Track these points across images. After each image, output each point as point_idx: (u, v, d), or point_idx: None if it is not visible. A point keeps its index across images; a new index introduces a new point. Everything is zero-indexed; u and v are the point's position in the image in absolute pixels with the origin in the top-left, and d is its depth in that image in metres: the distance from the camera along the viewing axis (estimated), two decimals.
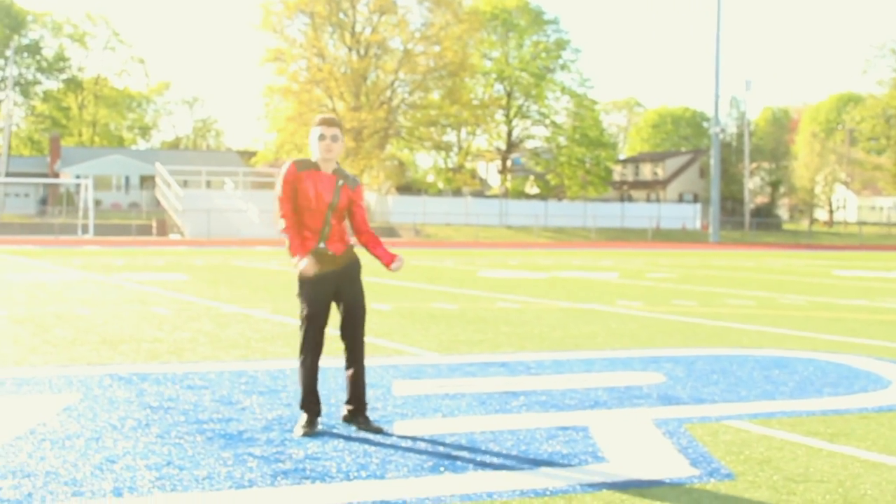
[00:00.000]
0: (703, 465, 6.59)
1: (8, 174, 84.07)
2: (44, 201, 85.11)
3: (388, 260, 7.57)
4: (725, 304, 18.83)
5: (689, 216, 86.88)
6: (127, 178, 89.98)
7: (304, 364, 7.47)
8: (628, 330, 14.36)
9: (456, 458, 6.72)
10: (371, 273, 26.93)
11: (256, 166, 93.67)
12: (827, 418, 8.23)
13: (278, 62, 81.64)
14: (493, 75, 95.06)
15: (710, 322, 15.58)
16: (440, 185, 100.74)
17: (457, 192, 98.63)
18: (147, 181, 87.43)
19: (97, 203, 71.48)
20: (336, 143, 7.31)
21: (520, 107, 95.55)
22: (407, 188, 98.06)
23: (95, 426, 7.46)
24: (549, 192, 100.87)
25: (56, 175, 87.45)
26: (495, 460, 6.65)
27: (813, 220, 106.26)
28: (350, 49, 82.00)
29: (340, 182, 7.38)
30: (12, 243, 47.25)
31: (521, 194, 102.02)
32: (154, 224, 59.51)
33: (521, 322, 15.20)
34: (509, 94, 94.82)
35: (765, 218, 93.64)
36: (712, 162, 74.09)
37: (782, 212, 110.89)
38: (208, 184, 75.53)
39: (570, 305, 18.17)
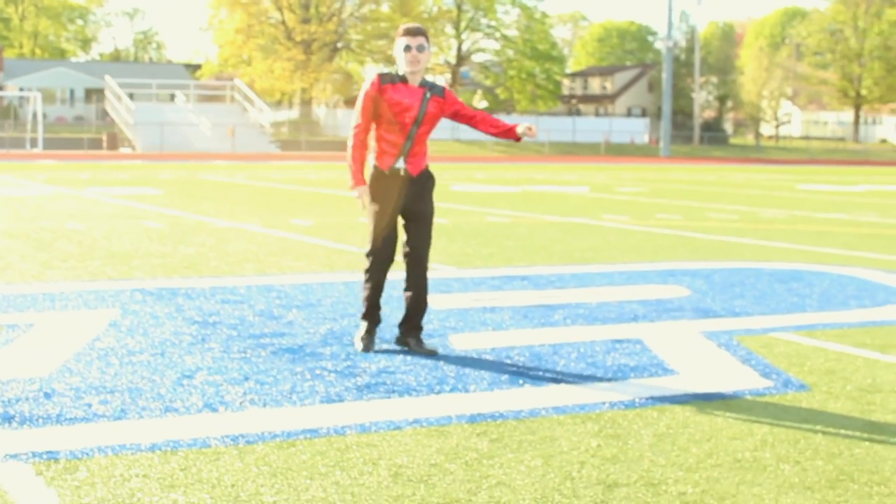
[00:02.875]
0: (774, 377, 6.67)
1: None
2: None
3: (514, 135, 7.15)
4: (710, 218, 18.96)
5: (638, 130, 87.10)
6: (72, 91, 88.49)
7: (371, 278, 7.33)
8: (630, 244, 14.42)
9: (528, 370, 6.75)
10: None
11: (202, 79, 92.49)
12: (868, 330, 8.34)
13: None
14: None
15: (704, 236, 15.68)
16: None
17: None
18: (92, 94, 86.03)
19: (43, 117, 70.28)
20: (422, 54, 7.01)
21: (470, 19, 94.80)
22: (356, 101, 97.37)
23: (152, 342, 7.40)
24: (498, 107, 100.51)
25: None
26: (568, 373, 6.69)
27: (758, 135, 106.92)
28: None
29: (428, 94, 7.12)
30: None
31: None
32: (105, 138, 58.66)
33: (519, 236, 15.21)
34: (459, 7, 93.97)
35: (713, 132, 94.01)
36: (664, 76, 74.10)
37: (727, 126, 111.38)
38: (154, 97, 74.42)
39: (559, 220, 18.20)
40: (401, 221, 7.35)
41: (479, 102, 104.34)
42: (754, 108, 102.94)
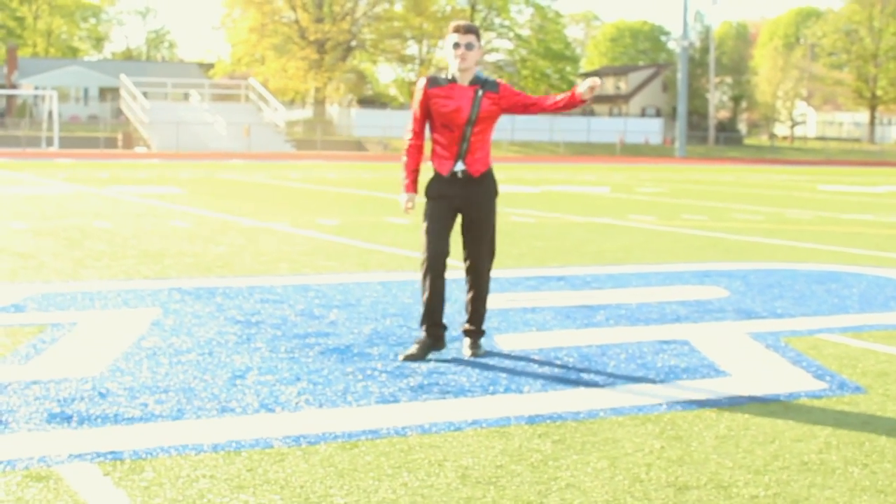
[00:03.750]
0: (828, 379, 6.62)
1: None
2: (1, 114, 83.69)
3: (578, 99, 6.80)
4: (736, 219, 18.89)
5: (652, 131, 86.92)
6: (86, 90, 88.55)
7: (425, 284, 7.03)
8: (660, 244, 14.38)
9: (579, 371, 6.71)
10: (371, 187, 26.83)
11: (215, 78, 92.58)
12: None
13: None
14: None
15: (733, 236, 15.62)
16: (401, 98, 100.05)
17: None
18: (106, 93, 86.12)
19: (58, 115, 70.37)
20: (472, 52, 6.83)
21: (483, 19, 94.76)
22: (370, 101, 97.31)
23: (198, 341, 7.37)
24: None
25: (14, 87, 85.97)
26: (621, 374, 6.65)
27: (772, 136, 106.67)
28: None
29: (480, 92, 6.89)
30: None
31: None
32: (120, 137, 58.73)
33: (548, 237, 15.16)
34: (473, 7, 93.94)
35: (727, 133, 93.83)
36: (679, 76, 73.93)
37: (742, 127, 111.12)
38: (167, 96, 74.48)
39: (586, 220, 18.15)
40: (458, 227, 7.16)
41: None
42: (769, 108, 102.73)
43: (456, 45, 6.85)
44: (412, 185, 7.11)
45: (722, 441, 5.26)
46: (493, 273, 9.85)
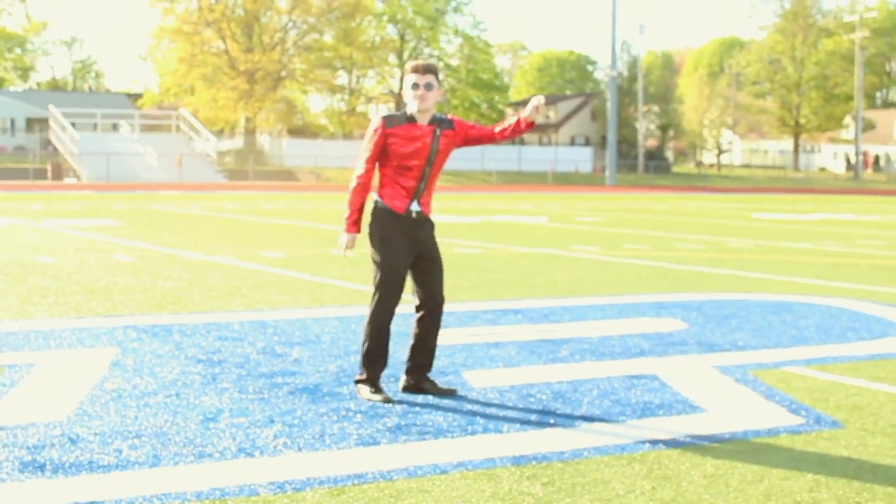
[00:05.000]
0: (803, 414, 6.62)
1: None
2: None
3: (526, 124, 6.76)
4: (679, 249, 18.99)
5: (582, 159, 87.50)
6: (13, 121, 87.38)
7: (376, 326, 6.85)
8: (608, 275, 14.39)
9: (554, 409, 6.65)
10: (309, 218, 26.65)
11: (143, 108, 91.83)
12: (878, 363, 8.34)
13: (167, 1, 79.74)
14: (386, 17, 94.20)
15: (679, 266, 15.69)
16: (331, 128, 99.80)
17: (348, 136, 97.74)
18: (34, 124, 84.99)
19: None
20: (431, 92, 6.72)
21: (413, 48, 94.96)
22: (300, 131, 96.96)
23: (163, 382, 7.21)
24: None
25: None
26: (596, 412, 6.60)
27: (699, 163, 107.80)
28: None
29: (438, 131, 6.79)
30: None
31: None
32: (50, 168, 57.95)
33: (496, 268, 15.12)
34: (402, 37, 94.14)
35: (656, 161, 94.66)
36: (609, 105, 74.50)
37: (669, 155, 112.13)
38: (96, 126, 73.61)
39: (530, 251, 18.14)
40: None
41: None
42: (696, 136, 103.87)
43: (415, 86, 6.72)
44: (354, 226, 6.91)
45: (711, 480, 5.22)
46: (449, 306, 9.79)
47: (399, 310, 6.98)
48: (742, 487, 5.12)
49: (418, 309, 6.99)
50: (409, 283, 6.99)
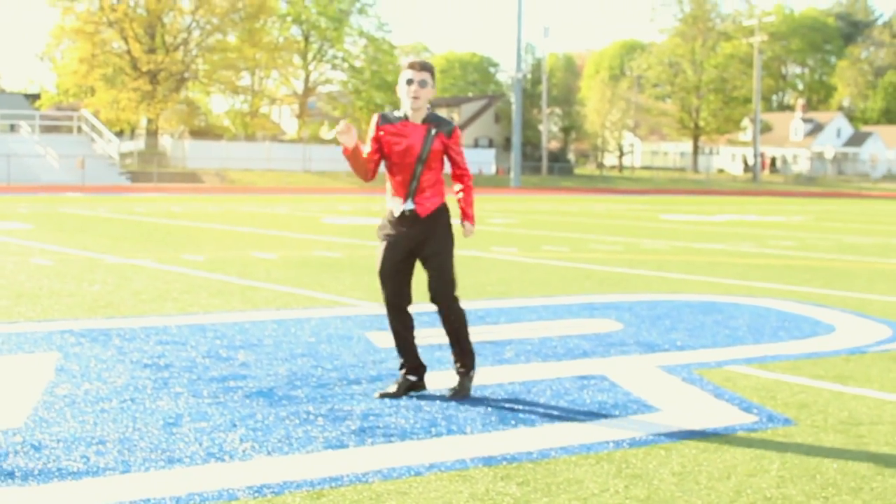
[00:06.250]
0: (755, 412, 6.76)
1: None
2: None
3: (462, 218, 7.17)
4: (596, 250, 19.20)
5: (486, 161, 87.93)
6: None
7: (390, 326, 7.22)
8: (534, 277, 14.52)
9: (511, 409, 6.72)
10: (220, 220, 26.42)
11: (42, 109, 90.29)
12: (815, 361, 8.54)
13: (67, 1, 78.42)
14: (290, 18, 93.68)
15: (600, 268, 15.87)
16: (233, 129, 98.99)
17: (250, 137, 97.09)
18: None
19: None
20: (424, 89, 6.78)
21: (318, 49, 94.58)
22: (202, 133, 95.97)
23: (114, 387, 7.14)
24: None
25: None
26: (554, 412, 6.68)
27: (600, 165, 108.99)
28: None
29: (433, 131, 6.89)
30: None
31: (317, 139, 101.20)
32: None
33: (421, 270, 15.10)
34: (307, 38, 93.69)
35: (559, 163, 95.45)
36: (514, 107, 74.94)
37: (571, 157, 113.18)
38: None
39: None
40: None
41: (327, 133, 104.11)
42: (598, 138, 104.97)
43: (409, 82, 6.78)
44: (354, 142, 6.88)
45: (680, 478, 5.32)
46: (382, 309, 9.72)
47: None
48: (711, 485, 5.22)
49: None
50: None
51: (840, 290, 13.48)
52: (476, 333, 9.43)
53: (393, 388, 7.06)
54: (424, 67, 6.84)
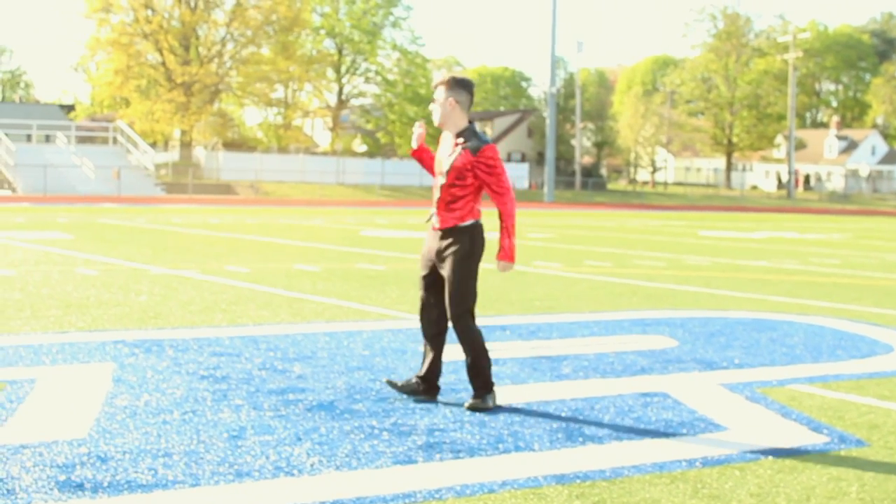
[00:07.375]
0: (825, 432, 6.64)
1: None
2: None
3: (498, 255, 7.18)
4: (640, 266, 19.07)
5: (519, 175, 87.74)
6: None
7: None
8: (580, 292, 14.41)
9: (577, 426, 6.62)
10: (258, 232, 26.41)
11: (77, 120, 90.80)
12: (878, 381, 8.41)
13: (103, 12, 78.82)
14: (323, 31, 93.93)
15: (648, 283, 15.74)
16: (266, 141, 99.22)
17: (283, 150, 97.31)
18: None
19: None
20: (436, 105, 6.94)
21: (351, 63, 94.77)
22: (236, 145, 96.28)
23: (174, 399, 7.08)
24: (378, 151, 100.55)
25: None
26: (621, 429, 6.58)
27: (632, 181, 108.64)
28: (180, 1, 79.87)
29: (460, 147, 6.92)
30: None
31: (349, 152, 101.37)
32: None
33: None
34: (340, 51, 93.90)
35: (592, 178, 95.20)
36: (548, 122, 74.81)
37: (603, 172, 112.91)
38: (31, 138, 72.55)
39: (494, 266, 18.06)
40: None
41: (360, 146, 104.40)
42: (631, 153, 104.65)
43: (433, 100, 7.02)
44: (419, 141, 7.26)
45: (758, 500, 5.21)
46: None
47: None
48: None
49: None
50: None
51: (891, 309, 13.31)
52: (530, 348, 9.38)
53: (400, 382, 7.26)
54: (439, 83, 6.98)
